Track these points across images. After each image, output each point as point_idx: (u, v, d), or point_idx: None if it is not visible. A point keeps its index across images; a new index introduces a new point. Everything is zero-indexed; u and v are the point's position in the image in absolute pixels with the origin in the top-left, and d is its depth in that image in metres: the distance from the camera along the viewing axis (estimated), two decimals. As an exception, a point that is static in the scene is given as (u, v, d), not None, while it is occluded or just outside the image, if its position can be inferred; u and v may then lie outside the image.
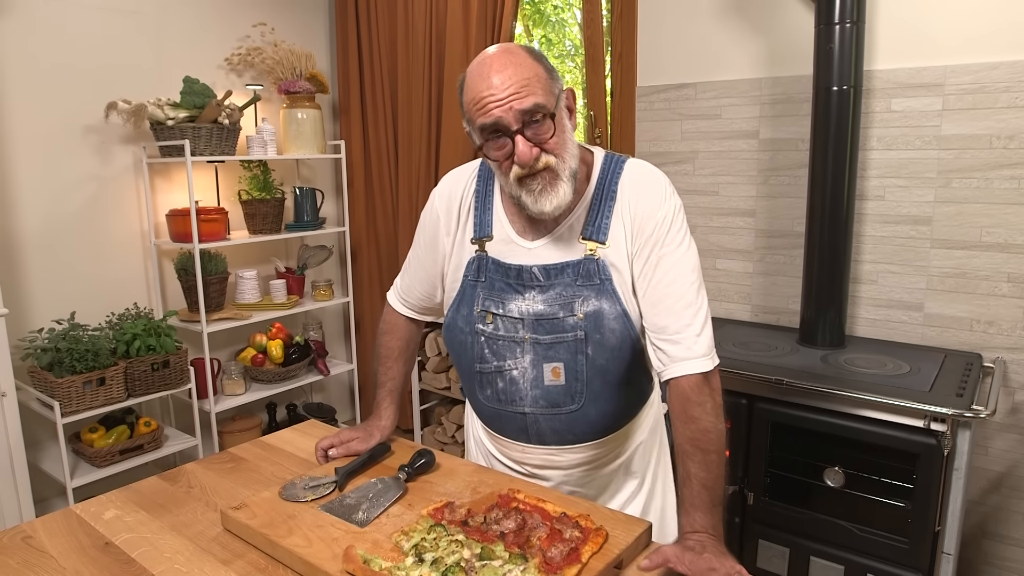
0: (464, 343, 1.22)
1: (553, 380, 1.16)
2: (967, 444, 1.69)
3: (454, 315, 1.25)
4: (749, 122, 2.43)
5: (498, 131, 1.07)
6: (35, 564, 1.04)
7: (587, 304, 1.14)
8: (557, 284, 1.16)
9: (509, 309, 1.18)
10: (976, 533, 2.14)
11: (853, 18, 1.99)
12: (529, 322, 1.16)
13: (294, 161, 3.29)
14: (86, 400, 2.37)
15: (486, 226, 1.23)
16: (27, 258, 2.51)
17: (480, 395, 1.24)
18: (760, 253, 2.48)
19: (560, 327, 1.15)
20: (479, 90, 1.06)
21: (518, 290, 1.18)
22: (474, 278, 1.22)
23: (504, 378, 1.19)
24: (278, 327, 3.08)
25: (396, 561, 0.95)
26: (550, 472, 1.26)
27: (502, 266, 1.19)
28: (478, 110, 1.07)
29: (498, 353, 1.19)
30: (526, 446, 1.25)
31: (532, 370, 1.17)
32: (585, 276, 1.15)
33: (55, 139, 2.54)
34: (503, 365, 1.19)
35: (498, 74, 1.05)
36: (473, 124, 1.09)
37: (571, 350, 1.15)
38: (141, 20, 2.73)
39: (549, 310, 1.15)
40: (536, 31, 5.28)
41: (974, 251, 2.07)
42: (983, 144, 2.02)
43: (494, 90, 1.05)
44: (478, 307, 1.20)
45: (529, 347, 1.16)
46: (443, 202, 1.28)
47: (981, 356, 2.05)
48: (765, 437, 1.96)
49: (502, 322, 1.18)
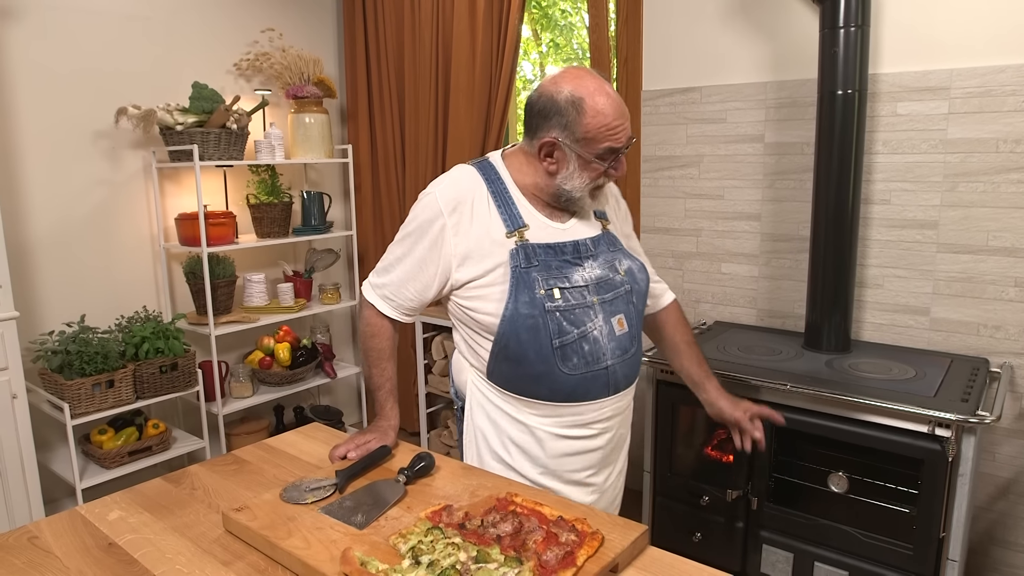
0: (536, 326, 1.29)
1: (620, 330, 1.37)
2: (972, 450, 1.68)
3: (514, 305, 1.29)
4: (754, 126, 2.43)
5: (615, 151, 1.30)
6: (40, 564, 1.06)
7: (622, 263, 1.41)
8: (600, 252, 1.39)
9: (575, 280, 1.33)
10: (984, 540, 2.12)
11: (858, 22, 1.99)
12: (593, 287, 1.35)
13: (302, 165, 3.31)
14: (95, 402, 2.39)
15: (517, 219, 1.35)
16: (39, 262, 2.55)
17: (564, 367, 1.31)
18: (765, 257, 2.47)
19: (613, 284, 1.38)
20: (608, 117, 1.27)
21: (576, 263, 1.35)
22: (526, 265, 1.31)
23: (588, 340, 1.33)
24: (285, 330, 3.11)
25: (393, 564, 0.96)
26: (613, 421, 1.42)
27: (554, 246, 1.34)
28: (607, 132, 1.27)
29: (575, 321, 1.32)
30: (604, 401, 1.38)
31: (606, 326, 1.35)
32: (610, 243, 1.42)
33: (66, 144, 2.58)
34: (584, 330, 1.32)
35: (619, 105, 1.29)
36: (596, 145, 1.28)
37: (625, 301, 1.39)
38: (151, 26, 2.76)
39: (604, 273, 1.37)
40: (544, 35, 5.30)
41: (981, 255, 2.05)
42: (990, 148, 2.01)
43: (619, 120, 1.28)
44: (541, 289, 1.30)
45: (599, 308, 1.34)
46: (448, 205, 1.33)
47: (988, 361, 2.03)
48: (769, 442, 1.95)
49: (570, 294, 1.32)
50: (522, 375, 1.33)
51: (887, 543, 1.79)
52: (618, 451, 1.50)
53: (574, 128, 1.27)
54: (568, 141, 1.28)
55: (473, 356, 1.42)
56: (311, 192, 3.14)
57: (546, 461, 1.38)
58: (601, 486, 1.46)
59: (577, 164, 1.30)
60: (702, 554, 2.13)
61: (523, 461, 1.38)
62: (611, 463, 1.47)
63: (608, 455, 1.45)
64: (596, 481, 1.44)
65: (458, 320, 1.43)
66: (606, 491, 1.48)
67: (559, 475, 1.40)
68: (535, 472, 1.39)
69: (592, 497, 1.44)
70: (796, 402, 1.89)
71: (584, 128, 1.26)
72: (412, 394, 3.30)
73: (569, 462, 1.39)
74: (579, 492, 1.41)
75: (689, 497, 2.12)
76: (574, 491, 1.41)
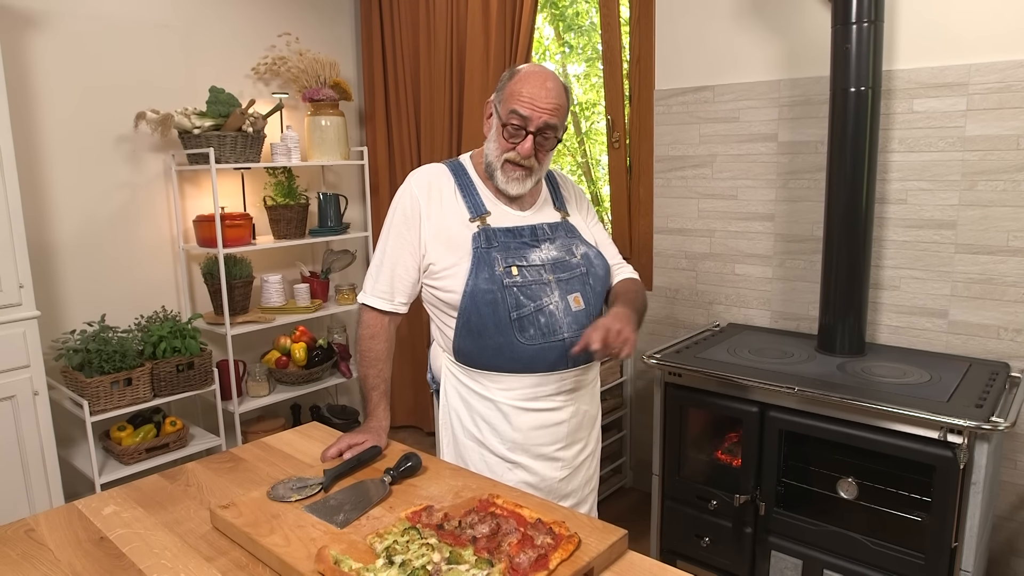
0: (495, 300, 1.39)
1: (577, 307, 1.46)
2: (986, 457, 1.62)
3: (474, 281, 1.40)
4: (767, 125, 2.39)
5: (522, 125, 1.37)
6: (33, 556, 1.09)
7: (579, 249, 1.51)
8: (557, 237, 1.50)
9: (532, 260, 1.44)
10: (1005, 550, 2.05)
11: (871, 17, 1.94)
12: (549, 266, 1.45)
13: (320, 167, 3.35)
14: (114, 399, 2.45)
15: (480, 206, 1.46)
16: (62, 262, 2.62)
17: (522, 338, 1.40)
18: (779, 258, 2.43)
19: (570, 266, 1.48)
20: (534, 88, 1.37)
21: (534, 244, 1.46)
22: (487, 246, 1.42)
23: (544, 313, 1.42)
24: (302, 330, 3.15)
25: (368, 563, 0.96)
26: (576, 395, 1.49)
27: (513, 230, 1.45)
28: (523, 101, 1.36)
29: (532, 296, 1.42)
30: (564, 372, 1.45)
31: (562, 303, 1.44)
32: (568, 231, 1.53)
33: (89, 148, 2.65)
34: (540, 304, 1.42)
35: (551, 89, 1.38)
36: (507, 105, 1.38)
37: (581, 282, 1.48)
38: (171, 33, 2.83)
39: (560, 255, 1.48)
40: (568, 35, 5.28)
41: (1001, 256, 1.99)
42: (1010, 145, 1.94)
43: (543, 98, 1.36)
44: (500, 267, 1.40)
45: (555, 285, 1.44)
46: (423, 190, 1.46)
47: (1008, 366, 1.97)
48: (778, 446, 1.91)
49: (528, 271, 1.43)
50: (484, 347, 1.42)
51: (898, 551, 1.74)
52: (586, 429, 1.55)
53: (502, 89, 1.42)
54: (496, 101, 1.43)
55: (442, 338, 1.50)
56: (327, 194, 3.17)
57: (513, 436, 1.44)
58: (570, 462, 1.51)
59: (496, 130, 1.42)
60: (710, 559, 2.10)
61: (492, 437, 1.45)
62: (580, 440, 1.53)
63: (575, 431, 1.51)
64: (565, 456, 1.50)
65: (429, 304, 1.52)
66: (577, 469, 1.54)
67: (527, 449, 1.46)
68: (504, 448, 1.45)
69: (563, 472, 1.50)
70: (804, 406, 1.85)
71: (508, 90, 1.40)
72: (429, 393, 3.32)
73: (536, 436, 1.46)
74: (549, 467, 1.48)
75: (697, 501, 2.10)
76: (544, 466, 1.47)
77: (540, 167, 1.45)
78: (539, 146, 1.40)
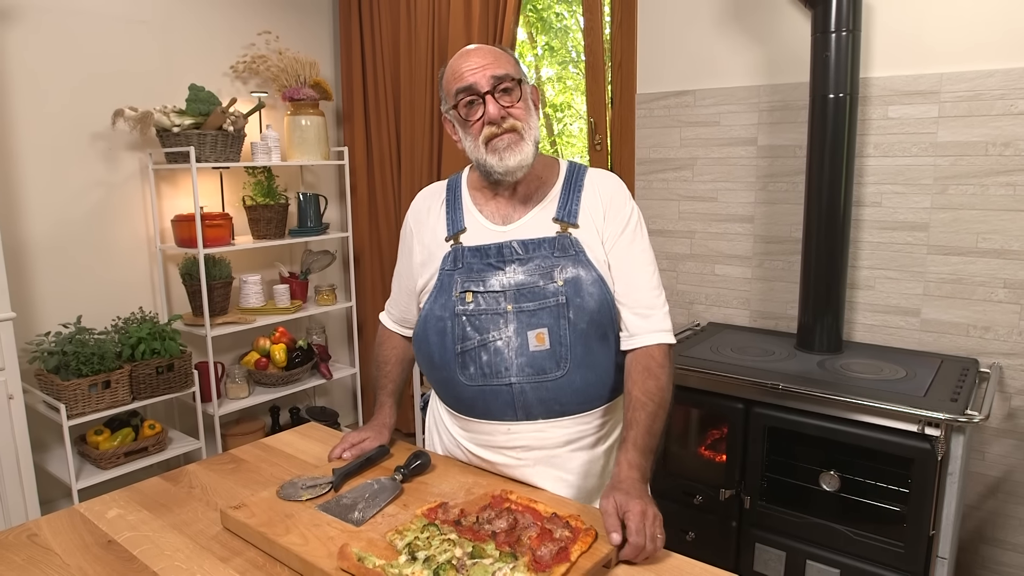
0: (443, 329, 1.25)
1: (538, 345, 1.21)
2: (961, 449, 1.70)
3: (431, 306, 1.28)
4: (747, 129, 2.45)
5: (472, 95, 1.21)
6: (40, 561, 1.07)
7: (566, 272, 1.23)
8: (535, 256, 1.25)
9: (490, 284, 1.24)
10: (974, 538, 2.15)
11: (849, 26, 2.01)
12: (511, 293, 1.23)
13: (298, 167, 3.32)
14: (91, 403, 2.40)
15: (458, 222, 1.32)
16: (35, 263, 2.55)
17: (462, 376, 1.24)
18: (758, 259, 2.49)
19: (542, 294, 1.22)
20: (457, 65, 1.24)
21: (498, 266, 1.25)
22: (451, 268, 1.28)
23: (488, 350, 1.22)
24: (281, 331, 3.12)
25: (390, 559, 0.97)
26: (537, 453, 1.24)
27: (479, 249, 1.27)
28: (455, 79, 1.23)
29: (480, 328, 1.23)
30: (512, 424, 1.24)
31: (516, 338, 1.21)
32: (561, 249, 1.25)
33: (63, 146, 2.59)
34: (486, 338, 1.22)
35: (477, 50, 1.24)
36: (450, 94, 1.24)
37: (554, 315, 1.22)
38: (148, 29, 2.77)
39: (530, 279, 1.23)
40: (540, 38, 5.32)
41: (970, 257, 2.08)
42: (979, 151, 2.04)
43: (475, 61, 1.22)
44: (456, 291, 1.25)
45: (512, 316, 1.22)
46: (414, 215, 1.40)
47: (978, 361, 2.06)
48: (762, 441, 1.97)
49: (483, 298, 1.24)
50: (434, 380, 1.32)
51: (878, 541, 1.81)
52: None
53: (442, 89, 1.29)
54: (445, 109, 1.29)
55: None
56: (307, 194, 3.15)
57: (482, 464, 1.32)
58: None
59: (460, 127, 1.27)
60: (695, 553, 2.14)
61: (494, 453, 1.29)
62: None
63: None
64: None
65: None
66: None
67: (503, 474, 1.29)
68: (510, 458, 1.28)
69: None
70: (788, 402, 1.91)
71: (444, 83, 1.27)
72: (407, 395, 3.31)
73: None
74: None
75: (683, 496, 2.14)
76: None
77: (526, 125, 1.23)
78: (504, 100, 1.22)
